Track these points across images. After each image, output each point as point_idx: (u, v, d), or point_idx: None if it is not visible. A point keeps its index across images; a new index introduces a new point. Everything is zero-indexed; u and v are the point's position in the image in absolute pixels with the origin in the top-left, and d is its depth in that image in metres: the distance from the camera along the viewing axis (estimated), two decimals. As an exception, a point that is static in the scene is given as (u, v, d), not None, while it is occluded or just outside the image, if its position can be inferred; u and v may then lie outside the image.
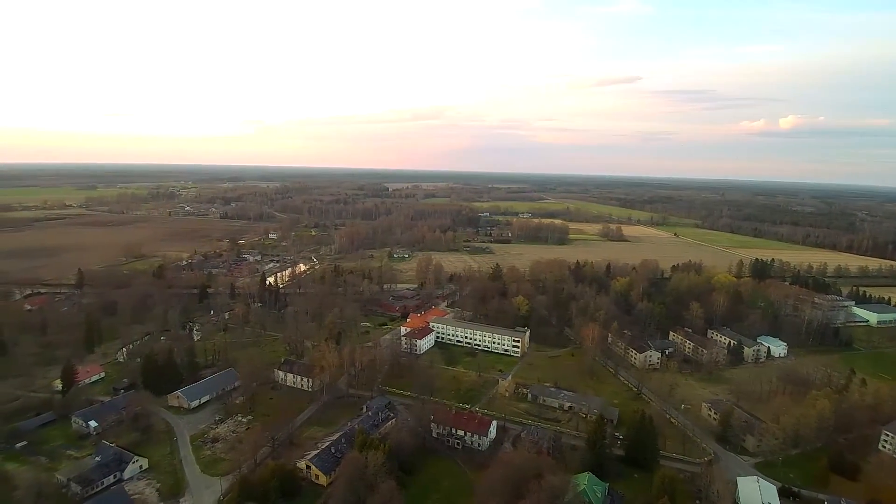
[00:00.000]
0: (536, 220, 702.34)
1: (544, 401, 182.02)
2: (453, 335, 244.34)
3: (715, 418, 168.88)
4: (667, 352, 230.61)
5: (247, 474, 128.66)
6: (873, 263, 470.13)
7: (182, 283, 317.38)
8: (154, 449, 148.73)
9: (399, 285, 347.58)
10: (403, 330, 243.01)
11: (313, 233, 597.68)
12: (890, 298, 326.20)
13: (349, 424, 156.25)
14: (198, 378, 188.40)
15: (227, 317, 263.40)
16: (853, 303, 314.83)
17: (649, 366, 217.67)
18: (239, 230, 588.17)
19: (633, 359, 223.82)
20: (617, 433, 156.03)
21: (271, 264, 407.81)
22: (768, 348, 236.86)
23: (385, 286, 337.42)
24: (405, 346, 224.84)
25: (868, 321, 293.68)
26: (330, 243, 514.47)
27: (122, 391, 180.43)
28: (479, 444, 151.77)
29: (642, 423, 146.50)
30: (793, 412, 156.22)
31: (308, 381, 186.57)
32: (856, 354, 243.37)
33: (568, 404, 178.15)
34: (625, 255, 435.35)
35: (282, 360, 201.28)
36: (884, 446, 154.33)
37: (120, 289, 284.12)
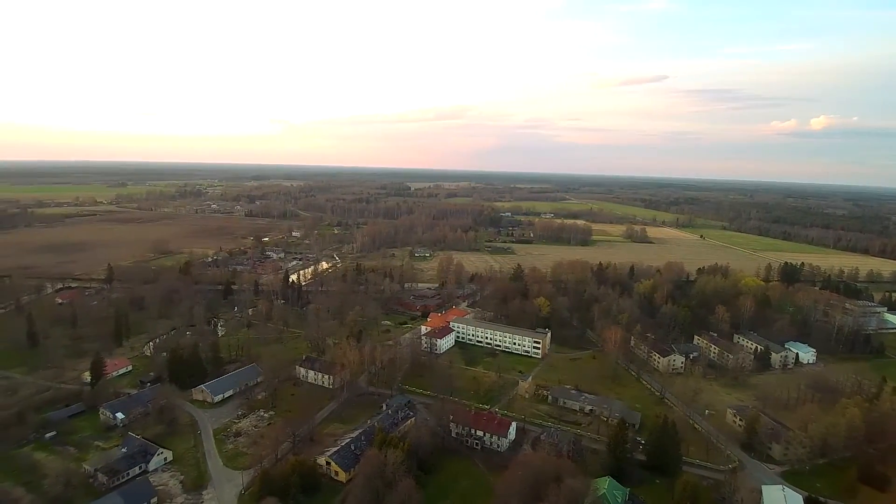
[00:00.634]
0: (559, 221, 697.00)
1: (565, 403, 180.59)
2: (473, 335, 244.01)
3: (740, 425, 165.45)
4: (691, 356, 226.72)
5: (268, 469, 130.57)
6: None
7: (207, 279, 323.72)
8: (178, 441, 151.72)
9: (420, 284, 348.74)
10: (424, 329, 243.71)
11: (336, 231, 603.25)
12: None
13: (369, 422, 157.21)
14: (222, 373, 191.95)
15: (250, 313, 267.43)
16: (885, 309, 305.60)
17: (673, 370, 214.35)
18: (263, 228, 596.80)
19: (656, 363, 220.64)
20: (638, 438, 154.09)
21: (294, 262, 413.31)
22: (797, 354, 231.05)
23: (406, 285, 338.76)
24: (425, 345, 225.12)
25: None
26: (352, 242, 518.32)
27: (149, 384, 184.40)
28: (498, 445, 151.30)
29: (665, 428, 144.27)
30: (821, 420, 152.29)
31: (329, 378, 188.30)
32: (888, 362, 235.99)
33: (589, 407, 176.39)
34: (649, 257, 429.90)
35: (303, 357, 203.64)
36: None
37: (148, 284, 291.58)
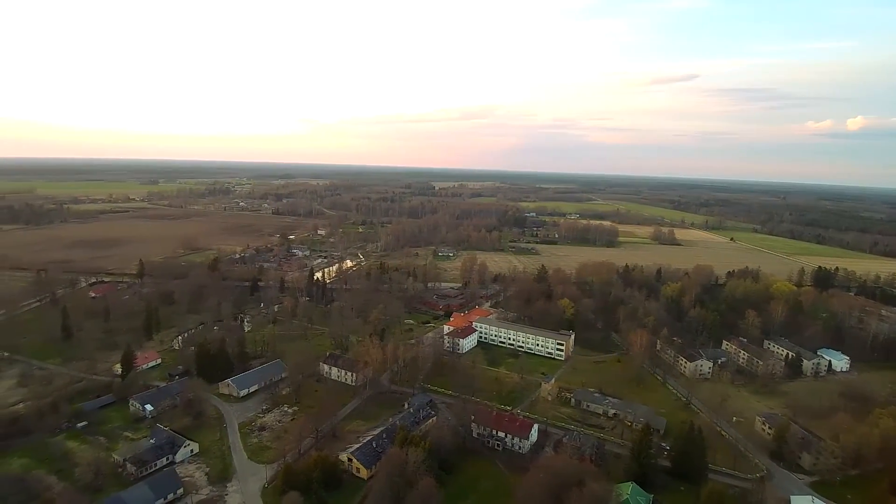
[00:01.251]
0: (584, 222, 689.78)
1: (588, 406, 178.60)
2: (496, 336, 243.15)
3: (769, 433, 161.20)
4: (719, 361, 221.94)
5: (291, 463, 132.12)
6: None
7: (235, 275, 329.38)
8: (204, 434, 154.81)
9: (443, 284, 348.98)
10: (446, 329, 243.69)
11: (360, 230, 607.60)
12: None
13: (391, 420, 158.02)
14: (247, 368, 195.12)
15: (276, 309, 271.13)
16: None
17: (700, 375, 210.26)
18: (289, 226, 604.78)
19: (682, 367, 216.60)
20: (663, 443, 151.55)
21: (319, 260, 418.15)
22: (829, 362, 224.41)
23: (429, 284, 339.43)
24: (448, 344, 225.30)
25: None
26: (376, 240, 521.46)
27: (177, 377, 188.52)
28: (519, 447, 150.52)
29: (691, 435, 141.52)
30: (854, 431, 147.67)
31: (352, 375, 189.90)
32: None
33: (613, 411, 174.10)
34: (677, 259, 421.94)
35: (327, 354, 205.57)
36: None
37: (177, 279, 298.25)
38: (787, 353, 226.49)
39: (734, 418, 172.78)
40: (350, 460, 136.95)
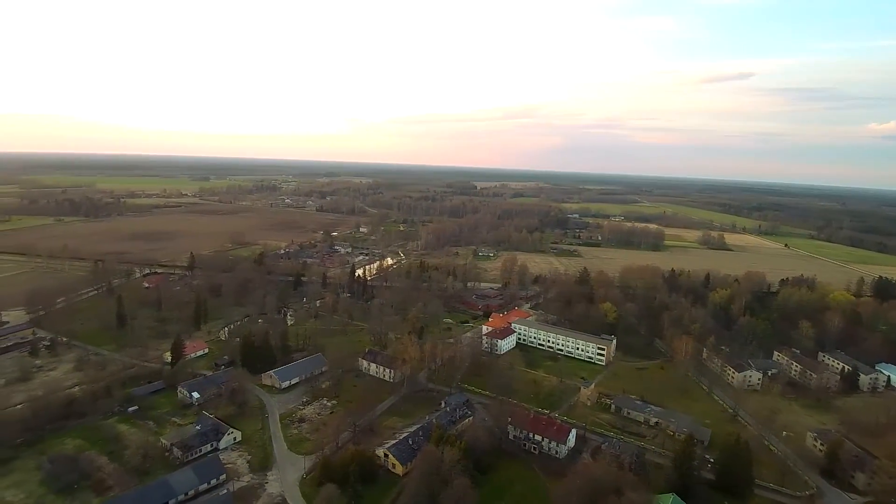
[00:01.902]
0: (629, 224, 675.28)
1: (628, 413, 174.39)
2: (535, 338, 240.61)
3: (821, 450, 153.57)
4: (769, 373, 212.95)
5: (329, 456, 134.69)
6: None
7: (279, 270, 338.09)
8: (247, 423, 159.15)
9: (483, 284, 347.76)
10: (485, 329, 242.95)
11: (401, 228, 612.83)
12: None
13: (427, 418, 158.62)
14: (289, 360, 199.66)
15: (318, 304, 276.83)
16: None
17: (748, 387, 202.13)
18: (332, 223, 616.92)
19: (730, 378, 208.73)
20: (707, 455, 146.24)
21: (360, 257, 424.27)
22: (888, 377, 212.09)
23: (469, 284, 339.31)
24: (486, 345, 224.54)
25: None
26: (416, 239, 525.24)
27: (223, 367, 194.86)
28: (556, 452, 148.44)
29: (737, 447, 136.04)
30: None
31: (390, 371, 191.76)
32: None
33: (654, 419, 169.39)
34: (726, 264, 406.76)
35: (366, 350, 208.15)
36: None
37: (225, 273, 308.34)
38: (843, 367, 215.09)
39: (784, 433, 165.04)
40: (386, 456, 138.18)
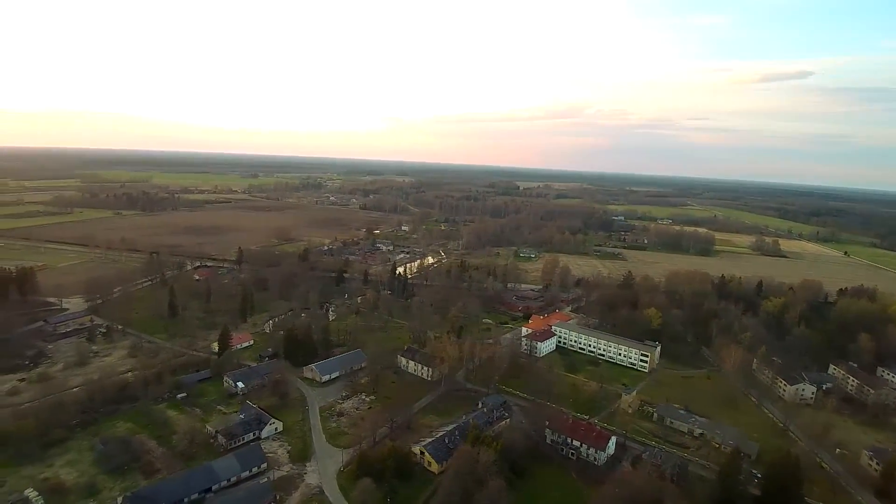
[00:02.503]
0: (677, 227, 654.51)
1: (672, 423, 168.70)
2: (576, 341, 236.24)
3: (876, 469, 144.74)
4: (824, 387, 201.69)
5: (366, 450, 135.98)
6: None
7: (323, 266, 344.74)
8: (288, 414, 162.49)
9: (523, 285, 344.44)
10: (524, 330, 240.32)
11: (443, 227, 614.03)
12: None
13: (464, 418, 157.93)
14: (330, 355, 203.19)
15: (359, 301, 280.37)
16: None
17: (800, 400, 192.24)
18: (375, 221, 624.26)
19: (781, 390, 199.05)
20: (754, 470, 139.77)
21: (402, 255, 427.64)
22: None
23: (509, 285, 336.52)
24: (525, 346, 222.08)
25: None
26: (458, 238, 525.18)
27: (266, 359, 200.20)
28: (595, 458, 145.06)
29: (787, 464, 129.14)
30: None
31: (428, 370, 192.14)
32: None
33: (699, 430, 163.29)
34: (781, 272, 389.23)
35: (405, 347, 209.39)
36: None
37: (271, 267, 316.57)
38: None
39: (837, 450, 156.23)
40: (422, 453, 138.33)
